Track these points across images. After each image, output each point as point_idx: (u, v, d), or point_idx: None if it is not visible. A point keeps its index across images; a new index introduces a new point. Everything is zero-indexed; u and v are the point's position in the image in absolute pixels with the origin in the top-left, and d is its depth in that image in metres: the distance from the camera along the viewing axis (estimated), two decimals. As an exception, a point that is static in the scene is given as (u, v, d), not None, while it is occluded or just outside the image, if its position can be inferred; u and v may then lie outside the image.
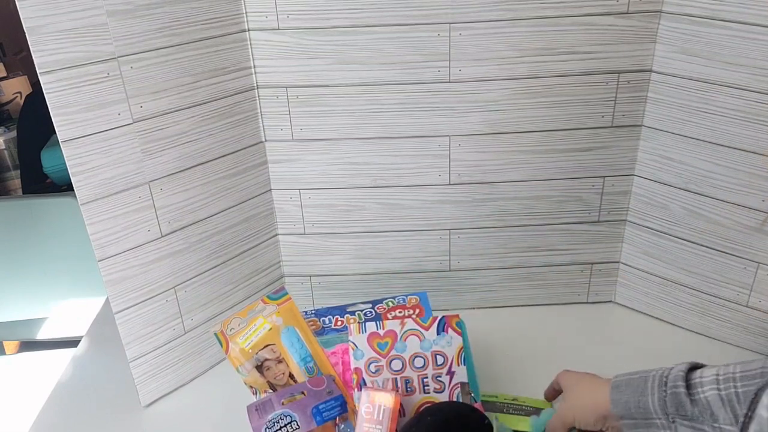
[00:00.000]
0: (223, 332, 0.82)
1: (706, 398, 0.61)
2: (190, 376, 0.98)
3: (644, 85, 0.93)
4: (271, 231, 1.04)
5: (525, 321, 1.06)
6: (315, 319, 0.92)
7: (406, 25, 0.89)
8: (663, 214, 0.98)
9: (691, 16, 0.85)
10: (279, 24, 0.90)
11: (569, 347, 1.00)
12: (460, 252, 1.06)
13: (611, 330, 1.05)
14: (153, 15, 0.79)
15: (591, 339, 1.03)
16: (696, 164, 0.92)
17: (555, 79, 0.93)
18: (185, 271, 0.92)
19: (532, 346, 1.00)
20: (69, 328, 2.17)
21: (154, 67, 0.81)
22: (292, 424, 0.73)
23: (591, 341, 1.02)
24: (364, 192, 1.01)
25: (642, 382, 0.66)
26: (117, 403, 0.94)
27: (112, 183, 0.81)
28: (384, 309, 0.93)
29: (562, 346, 1.00)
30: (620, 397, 0.67)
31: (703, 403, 0.61)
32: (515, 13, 0.88)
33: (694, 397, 0.62)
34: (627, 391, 0.67)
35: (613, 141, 0.97)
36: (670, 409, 0.63)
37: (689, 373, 0.64)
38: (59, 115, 0.74)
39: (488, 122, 0.96)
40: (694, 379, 0.63)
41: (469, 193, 1.01)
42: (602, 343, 1.01)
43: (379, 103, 0.95)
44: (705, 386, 0.62)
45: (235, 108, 0.92)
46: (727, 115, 0.87)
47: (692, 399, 0.62)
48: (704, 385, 0.62)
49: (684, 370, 0.64)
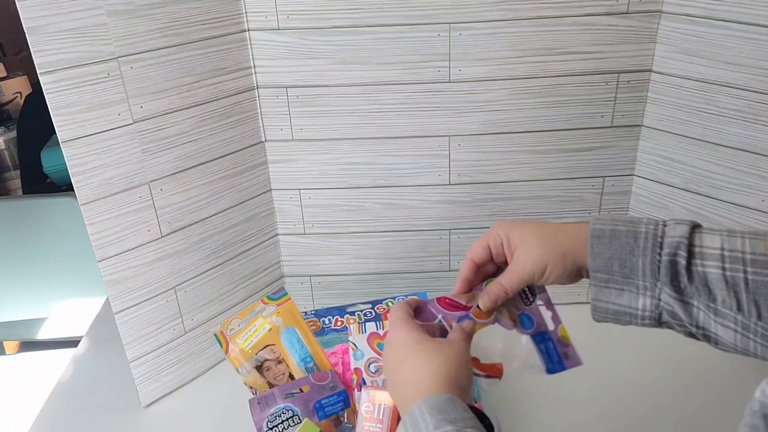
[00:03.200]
0: (222, 333, 0.82)
1: (705, 274, 0.53)
2: (190, 377, 0.98)
3: (644, 85, 0.93)
4: (271, 231, 1.04)
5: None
6: (315, 320, 0.92)
7: (407, 25, 0.89)
8: (663, 214, 0.98)
9: (691, 16, 0.85)
10: (279, 24, 0.90)
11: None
12: (460, 252, 1.06)
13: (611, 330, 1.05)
14: (153, 15, 0.79)
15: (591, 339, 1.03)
16: (696, 164, 0.92)
17: (555, 79, 0.93)
18: (185, 272, 0.92)
19: (532, 346, 1.00)
20: (69, 328, 2.17)
21: (155, 67, 0.81)
22: (294, 418, 0.73)
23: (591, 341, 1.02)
24: (364, 192, 1.01)
25: (630, 239, 0.57)
26: (117, 403, 0.94)
27: (112, 183, 0.81)
28: (384, 309, 0.93)
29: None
30: (602, 251, 0.57)
31: (700, 278, 0.54)
32: (515, 13, 0.88)
33: (692, 268, 0.54)
34: (612, 245, 0.57)
35: (613, 141, 0.97)
36: (662, 277, 0.55)
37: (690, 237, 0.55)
38: (59, 116, 0.74)
39: (488, 122, 0.96)
40: (694, 246, 0.54)
41: (469, 193, 1.01)
42: (602, 343, 1.01)
43: (380, 103, 0.95)
44: (706, 259, 0.54)
45: (235, 108, 0.92)
46: (727, 116, 0.87)
47: (689, 271, 0.54)
48: (705, 258, 0.54)
49: (686, 234, 0.55)
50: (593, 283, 0.59)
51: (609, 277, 0.58)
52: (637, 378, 0.93)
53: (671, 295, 0.55)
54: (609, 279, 0.58)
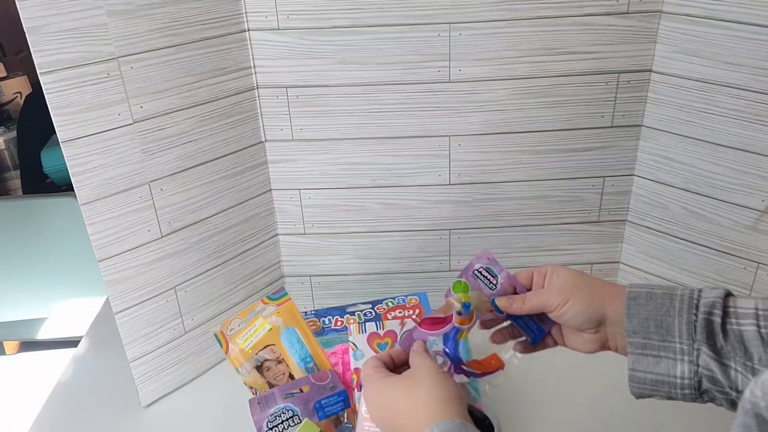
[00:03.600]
0: (222, 333, 0.82)
1: (741, 332, 0.54)
2: (190, 377, 0.98)
3: (644, 85, 0.93)
4: (271, 231, 1.04)
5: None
6: (315, 320, 0.92)
7: (407, 25, 0.89)
8: (663, 214, 0.98)
9: (691, 16, 0.85)
10: (279, 24, 0.90)
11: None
12: (460, 252, 1.06)
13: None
14: (153, 15, 0.79)
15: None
16: (696, 164, 0.92)
17: (555, 79, 0.93)
18: (185, 272, 0.92)
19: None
20: (69, 328, 2.17)
21: (155, 67, 0.81)
22: (294, 418, 0.73)
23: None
24: (365, 192, 1.01)
25: (667, 300, 0.57)
26: (117, 403, 0.94)
27: (112, 183, 0.81)
28: (384, 309, 0.93)
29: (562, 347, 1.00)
30: (639, 311, 0.58)
31: (736, 336, 0.54)
32: (515, 13, 0.88)
33: (728, 326, 0.54)
34: (648, 305, 0.57)
35: (613, 141, 0.97)
36: (698, 335, 0.55)
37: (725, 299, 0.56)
38: (59, 116, 0.74)
39: (488, 122, 0.96)
40: (729, 307, 0.55)
41: (469, 193, 1.01)
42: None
43: (380, 103, 0.95)
44: (741, 318, 0.54)
45: (235, 108, 0.92)
46: (727, 115, 0.87)
47: (725, 330, 0.54)
48: (740, 317, 0.54)
49: (721, 296, 0.56)
50: (630, 350, 0.58)
51: (646, 341, 0.57)
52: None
53: (709, 355, 0.55)
54: (646, 344, 0.57)
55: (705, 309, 0.55)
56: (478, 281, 0.68)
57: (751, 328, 0.53)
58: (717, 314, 0.54)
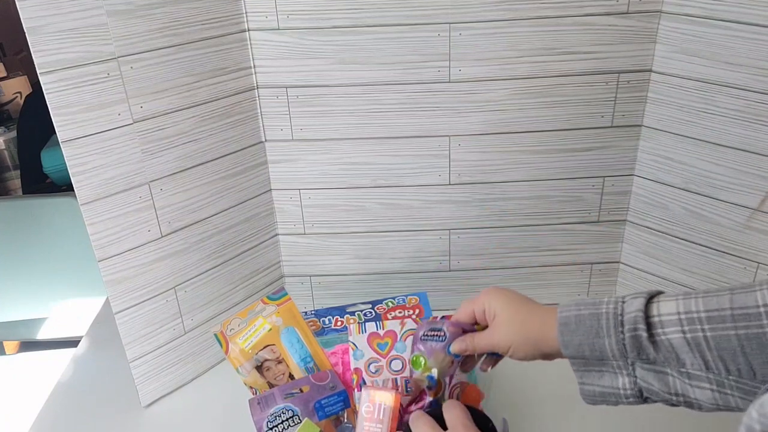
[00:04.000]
0: (222, 333, 0.82)
1: (669, 341, 0.55)
2: (190, 377, 0.98)
3: (644, 85, 0.93)
4: (271, 231, 1.04)
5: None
6: (315, 320, 0.92)
7: (407, 25, 0.89)
8: (663, 214, 0.98)
9: (691, 16, 0.85)
10: (279, 24, 0.90)
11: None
12: (460, 252, 1.06)
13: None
14: (153, 15, 0.79)
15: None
16: (696, 164, 0.92)
17: (555, 79, 0.93)
18: (185, 272, 0.92)
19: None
20: (69, 328, 2.17)
21: (155, 67, 0.81)
22: (293, 418, 0.73)
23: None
24: (364, 192, 1.01)
25: (594, 321, 0.59)
26: (117, 403, 0.94)
27: (112, 183, 0.81)
28: (384, 309, 0.93)
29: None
30: (572, 339, 0.60)
31: (666, 347, 0.55)
32: (515, 13, 0.88)
33: (656, 338, 0.55)
34: (578, 331, 0.59)
35: (613, 141, 0.97)
36: (630, 353, 0.57)
37: (647, 309, 0.57)
38: (59, 115, 0.74)
39: (488, 122, 0.96)
40: (652, 317, 0.56)
41: (469, 193, 1.01)
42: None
43: (380, 103, 0.95)
44: (666, 327, 0.55)
45: (235, 108, 0.92)
46: (728, 116, 0.87)
47: (654, 342, 0.56)
48: (665, 326, 0.55)
49: (641, 308, 0.56)
50: (574, 369, 0.61)
51: (585, 361, 0.60)
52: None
53: (644, 368, 0.57)
54: (586, 363, 0.60)
55: (629, 326, 0.56)
56: (428, 343, 0.71)
57: (677, 336, 0.54)
58: (641, 329, 0.56)
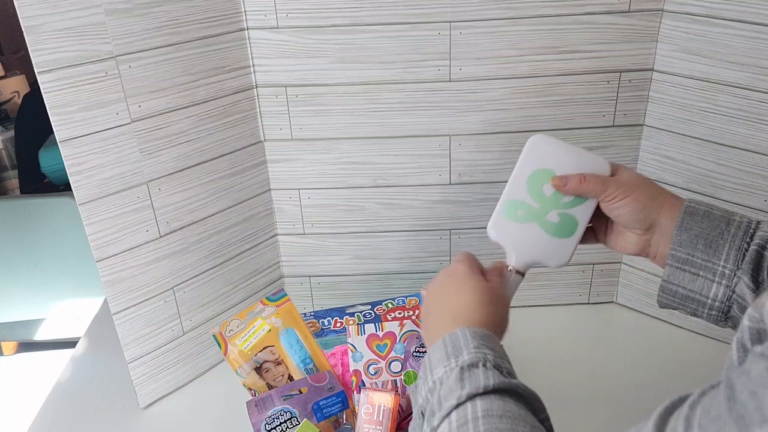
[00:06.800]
0: (221, 334, 0.82)
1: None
2: (189, 378, 0.97)
3: (645, 84, 0.93)
4: (271, 231, 1.03)
5: (526, 322, 1.06)
6: (314, 321, 0.92)
7: (406, 23, 0.89)
8: (664, 214, 0.98)
9: (693, 14, 0.85)
10: (278, 22, 0.89)
11: (570, 348, 0.99)
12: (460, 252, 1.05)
13: (612, 331, 1.05)
14: (151, 14, 0.79)
15: (592, 340, 1.02)
16: (697, 164, 0.92)
17: (556, 78, 0.92)
18: (184, 272, 0.91)
19: (533, 347, 0.99)
20: (67, 329, 2.17)
21: (153, 66, 0.80)
22: (292, 420, 0.73)
23: (592, 342, 1.02)
24: (364, 192, 1.01)
25: (723, 223, 0.56)
26: (115, 404, 0.93)
27: (110, 183, 0.80)
28: (383, 310, 0.92)
29: (563, 347, 1.00)
30: (692, 226, 0.56)
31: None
32: (516, 11, 0.88)
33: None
34: (703, 223, 0.56)
35: (614, 140, 0.97)
36: (744, 264, 0.54)
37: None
38: (57, 115, 0.74)
39: (489, 122, 0.95)
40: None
41: (469, 193, 1.01)
42: (603, 344, 1.01)
43: (379, 102, 0.94)
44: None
45: (234, 107, 0.91)
46: (729, 115, 0.86)
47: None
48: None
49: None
50: (669, 262, 0.58)
51: (689, 257, 0.57)
52: (640, 377, 0.93)
53: (748, 285, 0.54)
54: (688, 260, 0.57)
55: (759, 241, 0.54)
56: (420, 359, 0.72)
57: None
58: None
